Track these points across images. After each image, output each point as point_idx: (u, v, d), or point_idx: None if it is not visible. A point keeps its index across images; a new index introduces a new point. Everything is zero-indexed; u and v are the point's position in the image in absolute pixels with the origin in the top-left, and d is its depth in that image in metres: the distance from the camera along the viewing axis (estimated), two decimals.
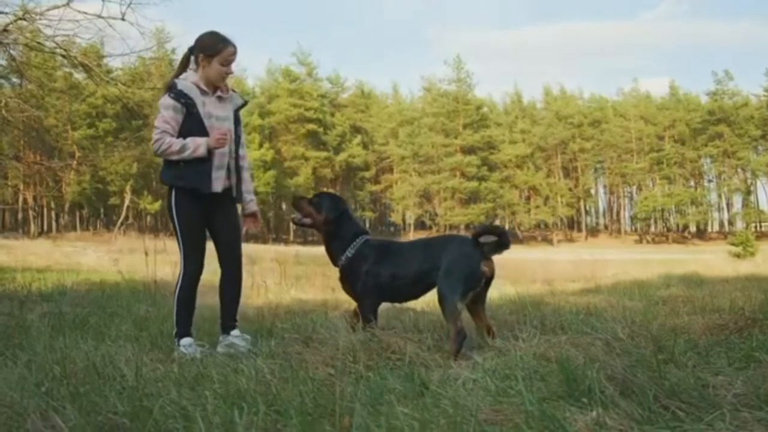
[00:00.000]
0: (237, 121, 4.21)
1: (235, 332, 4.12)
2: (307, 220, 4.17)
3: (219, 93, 4.11)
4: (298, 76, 73.04)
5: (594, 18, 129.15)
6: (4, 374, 2.93)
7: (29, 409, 2.29)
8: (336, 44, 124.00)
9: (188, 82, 4.04)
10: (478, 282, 3.81)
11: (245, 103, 4.33)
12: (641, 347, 3.12)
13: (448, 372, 2.97)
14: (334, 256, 4.12)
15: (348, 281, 4.06)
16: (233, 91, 4.28)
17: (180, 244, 4.07)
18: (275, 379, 2.74)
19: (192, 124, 3.95)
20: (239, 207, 4.36)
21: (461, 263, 3.79)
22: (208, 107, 4.03)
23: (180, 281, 4.08)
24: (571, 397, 2.42)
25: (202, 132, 3.94)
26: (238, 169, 4.19)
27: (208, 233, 4.19)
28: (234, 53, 4.07)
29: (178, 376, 2.98)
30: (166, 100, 3.95)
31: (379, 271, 3.95)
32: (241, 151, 4.25)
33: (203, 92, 4.03)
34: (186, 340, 3.99)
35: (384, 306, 5.42)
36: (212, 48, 4.03)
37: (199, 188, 3.98)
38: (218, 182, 4.04)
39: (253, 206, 4.34)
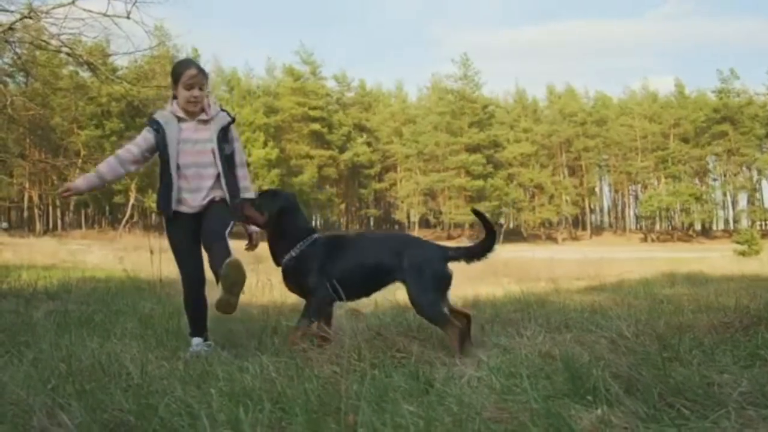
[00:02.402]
0: (225, 139, 4.10)
1: None
2: (254, 228, 4.05)
3: (201, 116, 4.07)
4: (301, 75, 73.11)
5: (598, 17, 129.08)
6: (10, 372, 2.94)
7: (35, 407, 2.30)
8: (338, 43, 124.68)
9: (166, 111, 4.09)
10: (448, 284, 3.75)
11: (232, 121, 4.19)
12: (646, 345, 3.11)
13: (452, 370, 2.97)
14: (276, 255, 3.95)
15: (292, 281, 3.90)
16: (223, 110, 4.21)
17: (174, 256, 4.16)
18: (280, 376, 2.74)
19: (161, 149, 4.01)
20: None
21: (431, 267, 3.70)
22: (186, 133, 4.01)
23: (182, 288, 4.16)
24: (576, 395, 2.42)
25: (165, 157, 3.99)
26: (232, 187, 4.09)
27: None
28: (194, 76, 3.99)
29: (183, 373, 2.99)
30: None
31: (328, 269, 3.79)
32: (239, 172, 4.18)
33: (180, 119, 4.04)
34: (194, 340, 4.04)
35: (386, 304, 5.43)
36: (174, 74, 4.07)
37: (166, 211, 4.04)
38: (193, 202, 4.02)
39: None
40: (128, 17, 11.96)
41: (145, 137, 4.05)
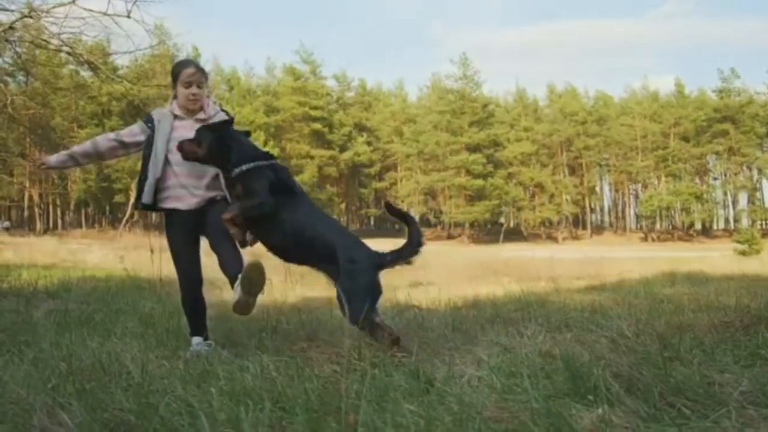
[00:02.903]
0: None
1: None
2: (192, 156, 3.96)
3: (199, 115, 4.10)
4: (302, 74, 73.11)
5: (598, 17, 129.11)
6: (10, 371, 2.94)
7: (36, 406, 2.30)
8: (338, 43, 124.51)
9: (165, 109, 4.13)
10: (379, 294, 3.69)
11: (230, 121, 4.15)
12: (647, 345, 3.11)
13: (453, 369, 2.97)
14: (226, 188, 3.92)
15: (238, 190, 3.84)
16: (222, 110, 4.25)
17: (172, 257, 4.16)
18: (280, 376, 2.75)
19: (147, 144, 4.06)
20: None
21: (364, 276, 3.64)
22: (180, 131, 4.03)
23: (179, 289, 4.16)
24: (577, 394, 2.42)
25: (148, 152, 4.03)
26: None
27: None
28: (193, 74, 4.03)
29: (183, 373, 2.99)
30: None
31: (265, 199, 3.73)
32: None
33: (177, 117, 4.08)
34: (194, 339, 4.04)
35: (387, 302, 5.43)
36: (174, 73, 4.11)
37: (136, 205, 4.13)
38: (189, 199, 4.01)
39: None
40: (129, 16, 11.97)
41: (131, 129, 4.12)
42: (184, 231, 4.05)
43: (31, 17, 12.40)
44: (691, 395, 2.32)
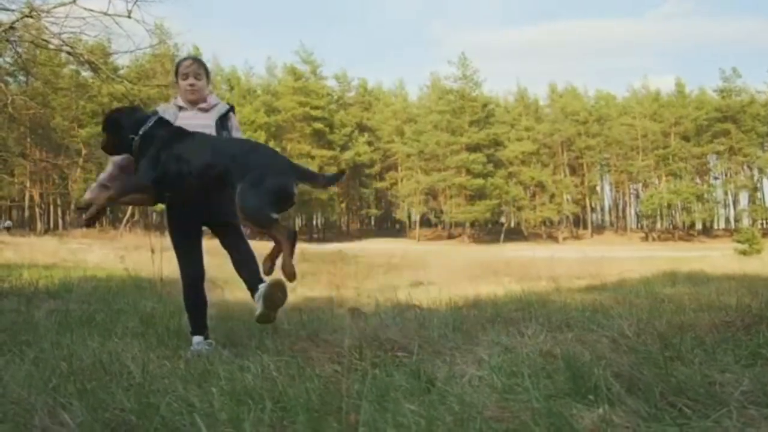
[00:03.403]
0: (224, 127, 4.21)
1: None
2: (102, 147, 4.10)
3: (201, 105, 4.23)
4: (302, 74, 73.10)
5: (598, 17, 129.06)
6: (11, 371, 2.94)
7: (37, 406, 2.30)
8: (338, 43, 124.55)
9: (170, 103, 4.29)
10: (287, 201, 3.57)
11: (231, 109, 4.31)
12: (647, 344, 3.11)
13: (454, 369, 2.97)
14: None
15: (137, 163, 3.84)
16: (227, 103, 4.37)
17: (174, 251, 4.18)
18: (281, 376, 2.74)
19: None
20: None
21: (274, 179, 3.51)
22: (184, 120, 4.10)
23: (181, 285, 4.18)
24: (578, 394, 2.42)
25: None
26: None
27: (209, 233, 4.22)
28: (190, 65, 4.22)
29: (184, 372, 2.99)
30: None
31: (165, 157, 3.71)
32: None
33: (181, 108, 4.22)
34: (195, 339, 4.04)
35: (388, 302, 5.42)
36: (174, 68, 4.31)
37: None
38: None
39: None
40: (129, 16, 11.98)
41: None
42: (186, 223, 4.10)
43: (31, 17, 12.40)
44: (692, 395, 2.32)
